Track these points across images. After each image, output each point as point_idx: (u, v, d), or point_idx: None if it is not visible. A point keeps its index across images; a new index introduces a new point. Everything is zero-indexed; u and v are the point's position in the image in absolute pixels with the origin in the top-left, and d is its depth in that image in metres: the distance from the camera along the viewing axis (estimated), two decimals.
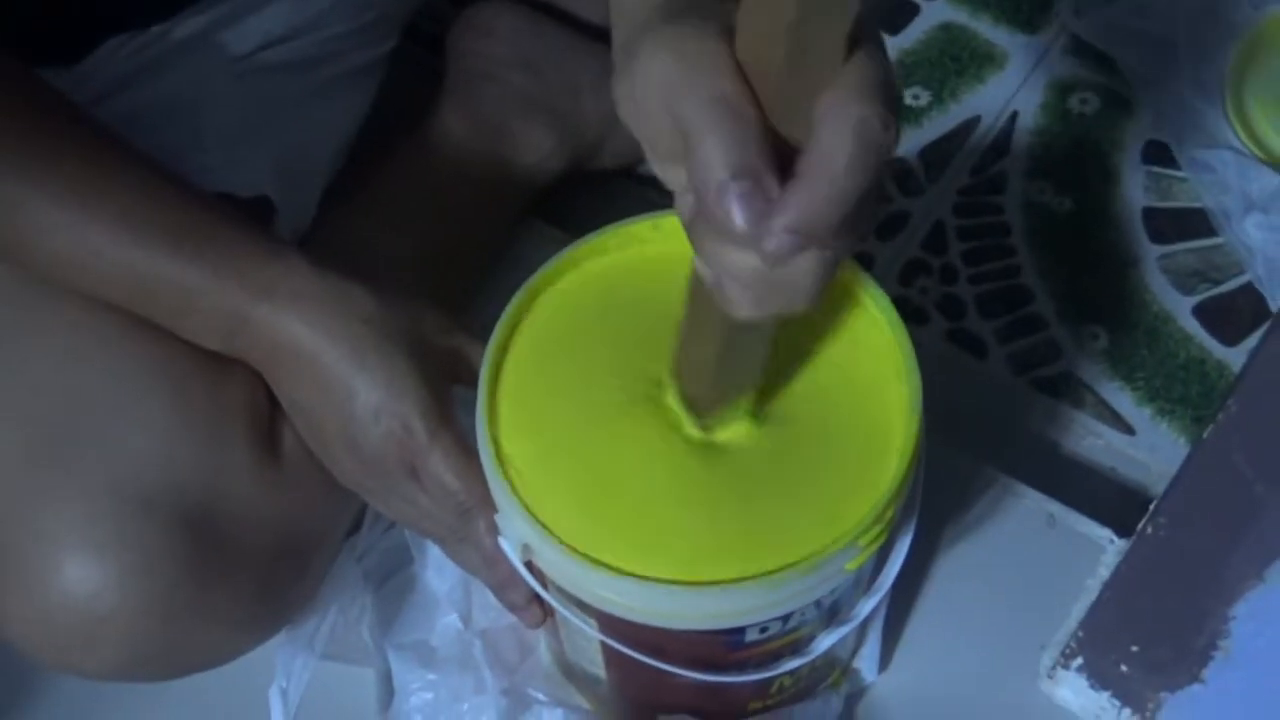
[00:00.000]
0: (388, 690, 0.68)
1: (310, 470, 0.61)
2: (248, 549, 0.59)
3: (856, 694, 0.68)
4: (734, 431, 0.54)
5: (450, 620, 0.68)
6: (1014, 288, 0.85)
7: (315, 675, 0.65)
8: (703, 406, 0.52)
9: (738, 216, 0.39)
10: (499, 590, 0.61)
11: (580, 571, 0.51)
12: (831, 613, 0.57)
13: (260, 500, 0.59)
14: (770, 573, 0.50)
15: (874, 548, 0.52)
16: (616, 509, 0.53)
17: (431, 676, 0.67)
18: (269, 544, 0.60)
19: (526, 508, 0.52)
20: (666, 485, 0.53)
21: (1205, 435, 0.48)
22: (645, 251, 0.59)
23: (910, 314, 0.83)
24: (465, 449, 0.57)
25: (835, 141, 0.38)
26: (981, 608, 0.70)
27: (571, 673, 0.66)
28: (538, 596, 0.58)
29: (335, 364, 0.57)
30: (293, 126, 0.69)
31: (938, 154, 0.90)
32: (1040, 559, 0.71)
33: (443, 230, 0.79)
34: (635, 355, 0.55)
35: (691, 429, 0.53)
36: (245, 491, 0.59)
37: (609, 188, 0.87)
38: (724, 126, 0.39)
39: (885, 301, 0.56)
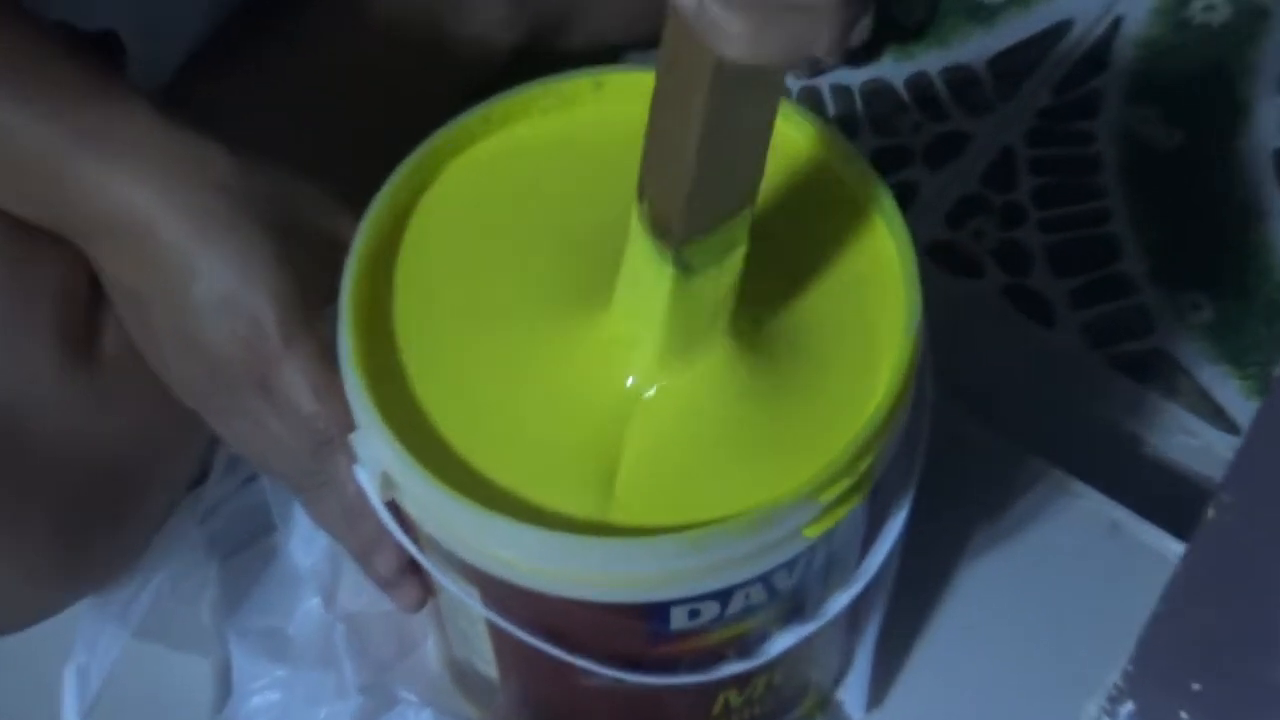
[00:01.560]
0: (225, 686, 0.68)
1: (137, 379, 0.60)
2: (45, 470, 0.59)
3: None
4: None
5: (314, 604, 0.67)
6: (1098, 238, 0.84)
7: (134, 661, 0.65)
8: (679, 228, 0.48)
9: None
10: (364, 556, 0.59)
11: (451, 511, 0.50)
12: (792, 603, 0.55)
13: (65, 409, 0.59)
14: (693, 526, 0.49)
15: (842, 511, 0.51)
16: (512, 437, 0.52)
17: (281, 673, 0.67)
18: (74, 468, 0.60)
19: (389, 424, 0.51)
20: (584, 410, 0.53)
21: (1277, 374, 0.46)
22: (583, 117, 0.58)
23: (959, 264, 0.83)
24: (330, 363, 0.56)
25: None
26: (1013, 636, 0.69)
27: (462, 676, 0.65)
28: (414, 565, 0.57)
29: (173, 237, 0.56)
30: None
31: (1013, 64, 0.90)
32: (1096, 577, 0.70)
33: (359, 118, 0.78)
34: (559, 247, 0.56)
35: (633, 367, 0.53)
36: (45, 395, 0.58)
37: None
38: None
39: (886, 194, 0.55)
